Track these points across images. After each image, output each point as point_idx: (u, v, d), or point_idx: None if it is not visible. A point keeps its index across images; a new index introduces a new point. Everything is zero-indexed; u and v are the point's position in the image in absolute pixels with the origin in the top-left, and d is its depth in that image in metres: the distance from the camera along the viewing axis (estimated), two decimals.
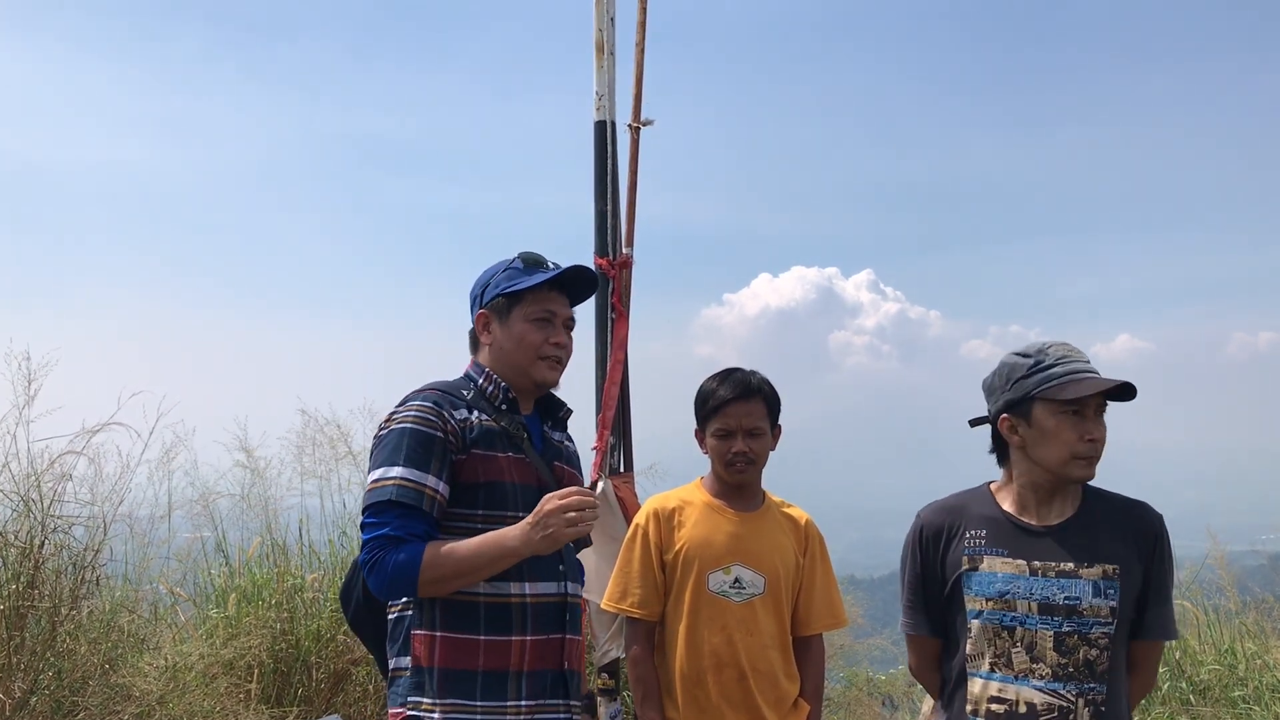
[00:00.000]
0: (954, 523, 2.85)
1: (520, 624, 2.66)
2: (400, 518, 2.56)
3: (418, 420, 2.66)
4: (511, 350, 2.83)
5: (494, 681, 2.62)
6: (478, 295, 2.91)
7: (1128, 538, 2.67)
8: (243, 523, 6.37)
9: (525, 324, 2.82)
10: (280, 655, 5.58)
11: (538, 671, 2.69)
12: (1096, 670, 2.61)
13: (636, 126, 4.83)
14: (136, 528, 5.44)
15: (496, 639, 2.63)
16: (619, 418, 4.68)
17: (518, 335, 2.82)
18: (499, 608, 2.65)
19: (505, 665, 2.64)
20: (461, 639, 2.62)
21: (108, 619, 4.93)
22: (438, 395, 2.74)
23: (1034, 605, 2.66)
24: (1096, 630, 2.61)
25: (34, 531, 4.51)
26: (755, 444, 3.23)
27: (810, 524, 3.38)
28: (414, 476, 2.59)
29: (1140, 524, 2.70)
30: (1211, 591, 6.97)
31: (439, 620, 2.63)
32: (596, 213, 4.77)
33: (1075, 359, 2.71)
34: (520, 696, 2.65)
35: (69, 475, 4.69)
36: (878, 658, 10.48)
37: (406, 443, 2.63)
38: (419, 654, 2.64)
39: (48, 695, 4.36)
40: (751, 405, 3.22)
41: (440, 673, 2.61)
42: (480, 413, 2.76)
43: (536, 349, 2.82)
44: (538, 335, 2.82)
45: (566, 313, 2.91)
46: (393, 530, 2.54)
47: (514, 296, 2.83)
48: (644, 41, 4.84)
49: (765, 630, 3.20)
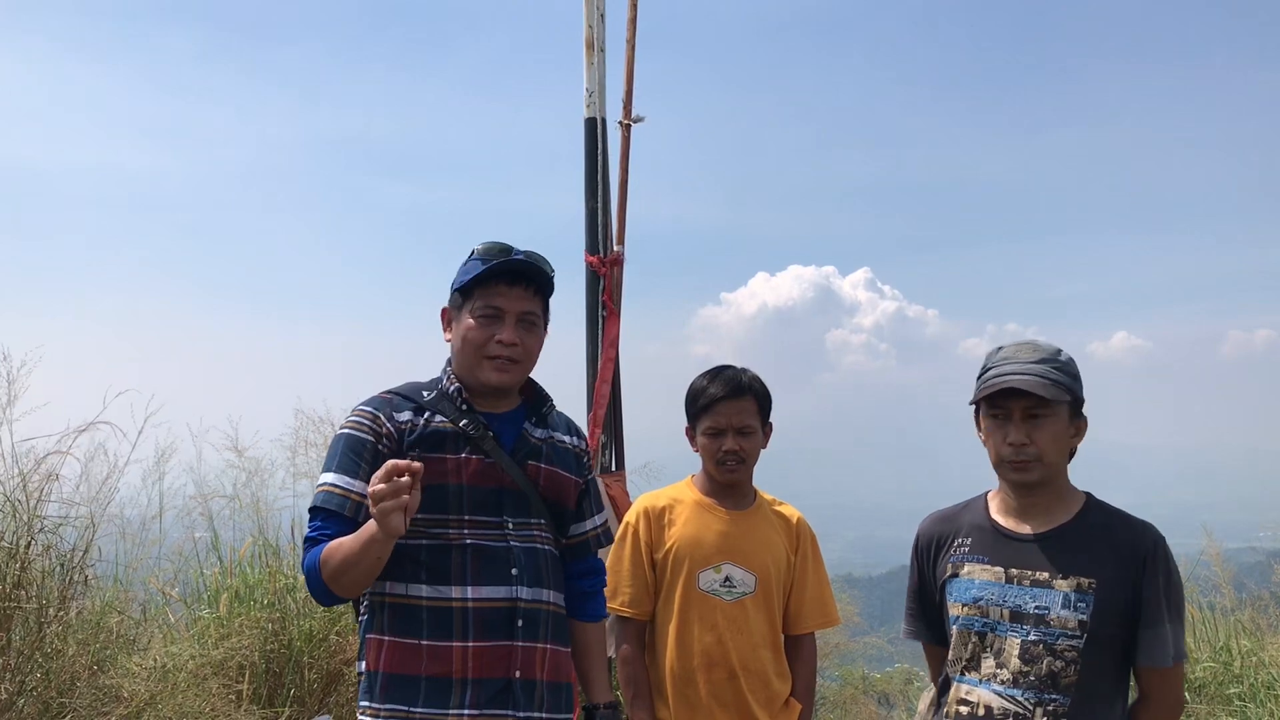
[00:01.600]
0: (946, 532, 2.85)
1: (461, 629, 2.57)
2: (323, 521, 2.55)
3: (353, 425, 2.65)
4: (459, 350, 2.72)
5: (437, 688, 2.55)
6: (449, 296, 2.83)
7: (1114, 554, 2.58)
8: (235, 523, 6.34)
9: (470, 321, 2.68)
10: (272, 656, 5.55)
11: (484, 680, 2.58)
12: (1060, 682, 2.55)
13: (627, 123, 4.81)
14: (127, 528, 5.41)
15: (438, 644, 2.56)
16: (610, 416, 4.67)
17: (462, 333, 2.70)
18: (440, 612, 2.57)
19: (448, 672, 2.56)
20: (405, 644, 2.58)
21: (97, 620, 4.90)
22: (383, 399, 2.70)
23: (1006, 612, 2.64)
24: (1063, 642, 2.56)
25: (20, 532, 4.48)
26: (746, 442, 3.21)
27: (802, 522, 3.36)
28: (342, 482, 2.57)
29: (1131, 541, 2.60)
30: (1207, 589, 6.96)
31: (387, 624, 2.61)
32: (587, 210, 4.76)
33: (1013, 360, 2.65)
34: (464, 705, 2.55)
35: (56, 475, 4.66)
36: (874, 656, 10.48)
37: (340, 449, 2.62)
38: (369, 657, 2.62)
39: (35, 697, 4.33)
40: (742, 403, 3.20)
41: (384, 677, 2.58)
42: (437, 413, 2.68)
43: (479, 348, 2.67)
44: (480, 333, 2.67)
45: (520, 307, 2.70)
46: (311, 533, 2.56)
47: (464, 291, 2.70)
48: (635, 38, 4.83)
49: (756, 629, 3.18)
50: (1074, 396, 2.64)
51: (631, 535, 3.27)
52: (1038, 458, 2.61)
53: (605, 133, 4.80)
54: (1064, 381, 2.61)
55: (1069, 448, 2.67)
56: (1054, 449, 2.62)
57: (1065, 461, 2.68)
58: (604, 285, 4.67)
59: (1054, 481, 2.67)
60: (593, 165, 4.76)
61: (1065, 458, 2.67)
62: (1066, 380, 2.62)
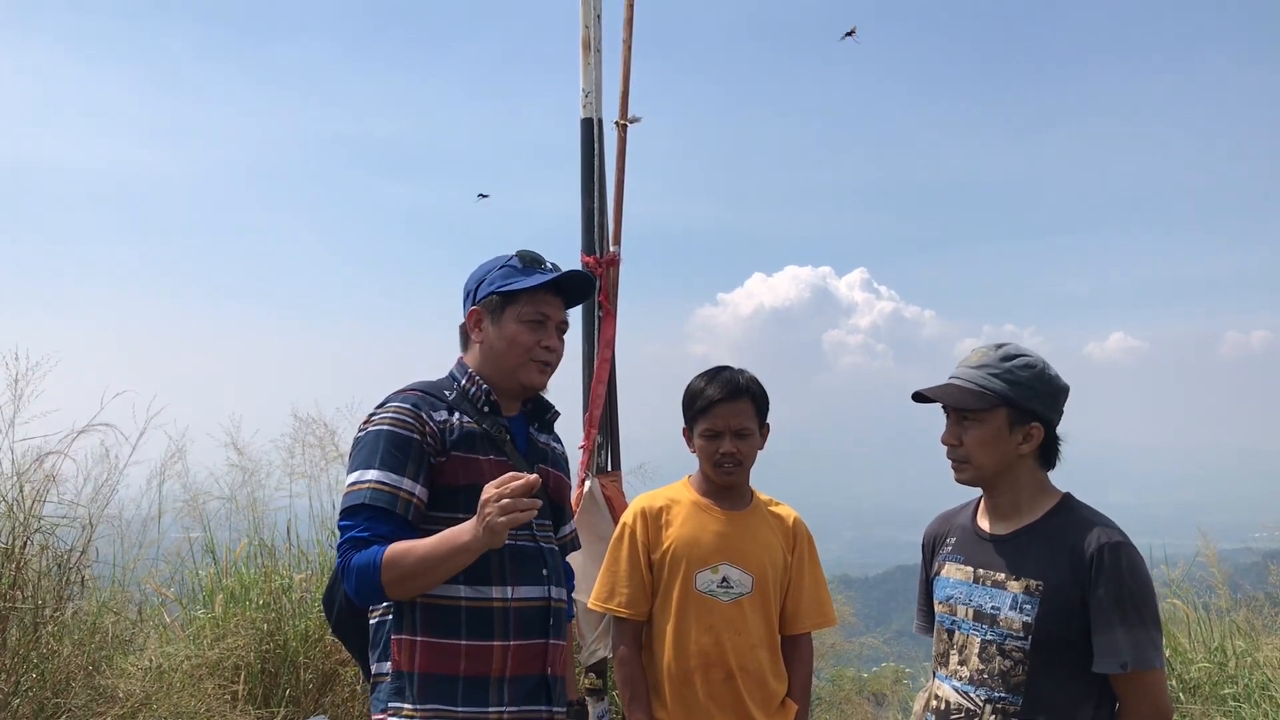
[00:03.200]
0: (942, 531, 2.90)
1: (502, 629, 2.61)
2: (369, 520, 2.51)
3: (395, 422, 2.61)
4: (502, 350, 2.77)
5: (475, 687, 2.58)
6: (471, 290, 2.84)
7: (1063, 556, 2.56)
8: (231, 523, 6.34)
9: (518, 325, 2.76)
10: (268, 656, 5.55)
11: (520, 677, 2.64)
12: (1010, 681, 2.56)
13: (624, 124, 4.81)
14: (125, 529, 5.41)
15: (478, 644, 2.59)
16: (606, 416, 4.67)
17: (510, 335, 2.76)
18: (481, 612, 2.60)
19: (487, 671, 2.59)
20: (442, 644, 2.58)
21: (93, 620, 4.91)
22: (417, 397, 2.69)
23: (970, 611, 2.68)
24: (1011, 643, 2.57)
25: (16, 533, 4.48)
26: (743, 445, 3.21)
27: (799, 522, 3.36)
28: (389, 480, 2.54)
29: (1079, 544, 2.55)
30: (1203, 589, 6.96)
31: (419, 625, 2.59)
32: (584, 210, 4.76)
33: (962, 364, 2.72)
34: (502, 703, 2.60)
35: (54, 476, 4.65)
36: (869, 657, 10.48)
37: (383, 445, 2.58)
38: (399, 659, 2.60)
39: (30, 697, 4.33)
40: (739, 405, 3.20)
41: (421, 678, 2.57)
42: (461, 414, 2.71)
43: (528, 351, 2.76)
44: (530, 337, 2.76)
45: (560, 316, 2.85)
46: (358, 533, 2.51)
47: (509, 296, 2.76)
48: (631, 38, 4.83)
49: (753, 630, 3.19)
50: (1010, 403, 2.62)
51: (629, 535, 3.27)
52: (966, 459, 2.67)
53: (602, 133, 4.80)
54: (995, 388, 2.62)
55: (1014, 453, 2.65)
56: (982, 453, 2.65)
57: (1013, 465, 2.67)
58: (600, 286, 4.68)
59: (1007, 483, 2.69)
60: (589, 166, 4.76)
61: (1008, 462, 2.66)
62: (1000, 387, 2.62)
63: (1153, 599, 2.55)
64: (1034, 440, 2.65)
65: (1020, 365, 2.64)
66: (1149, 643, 2.48)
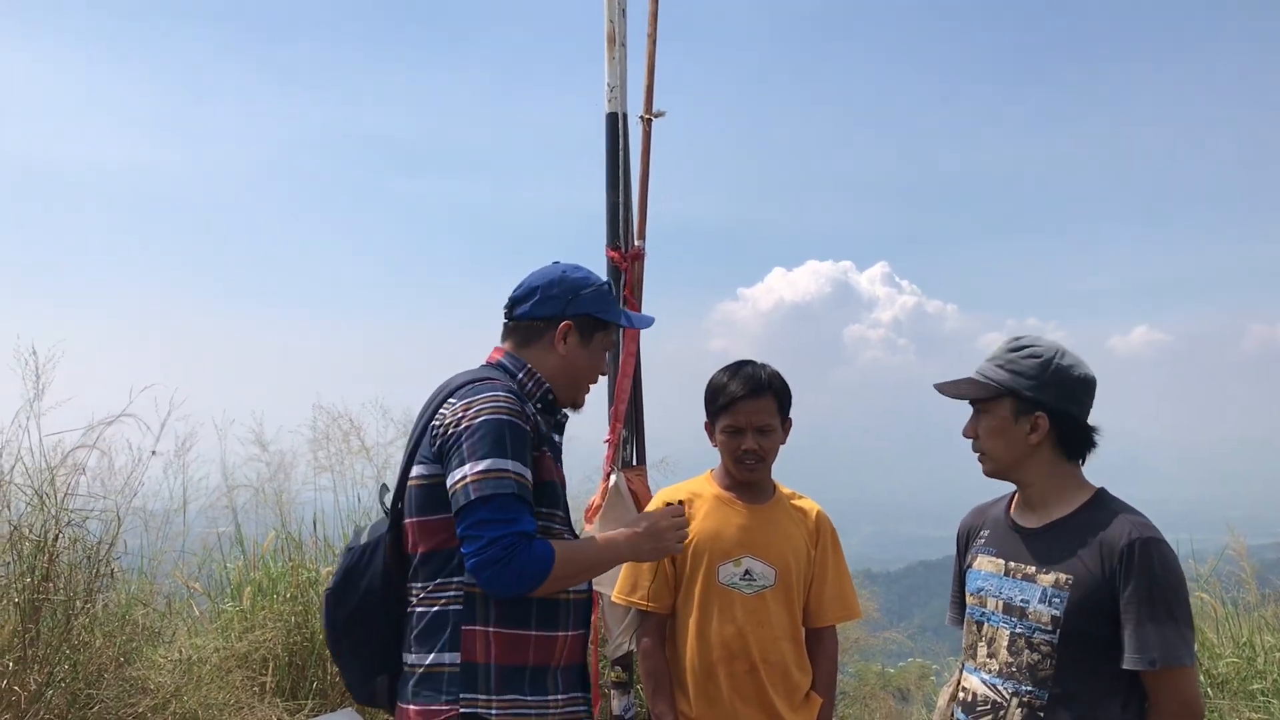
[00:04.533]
0: (976, 524, 2.91)
1: (566, 620, 2.70)
2: (526, 513, 2.53)
3: (511, 412, 2.60)
4: (581, 370, 2.88)
5: (539, 676, 2.64)
6: (562, 299, 2.83)
7: (1093, 550, 2.54)
8: (257, 516, 6.38)
9: (600, 353, 2.91)
10: (295, 648, 5.59)
11: (570, 665, 2.73)
12: (1038, 675, 2.56)
13: (648, 118, 4.81)
14: (151, 522, 5.45)
15: (545, 634, 2.65)
16: (631, 411, 4.67)
17: (594, 362, 2.91)
18: (550, 603, 2.66)
19: (549, 660, 2.66)
20: (515, 635, 2.62)
21: (122, 612, 4.95)
22: (515, 387, 2.74)
23: (1000, 604, 2.68)
24: (1039, 636, 2.57)
25: (48, 525, 4.52)
26: (765, 441, 3.22)
27: (822, 515, 3.37)
28: (524, 472, 2.56)
29: (1110, 538, 2.54)
30: (1231, 584, 6.92)
31: (493, 616, 2.61)
32: (609, 205, 4.75)
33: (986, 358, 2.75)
34: (558, 690, 2.68)
35: (82, 469, 4.70)
36: (893, 651, 10.46)
37: (509, 436, 2.56)
38: (472, 649, 2.59)
39: (63, 688, 4.38)
40: (762, 402, 3.21)
41: (497, 669, 2.59)
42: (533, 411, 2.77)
43: (595, 377, 2.94)
44: (602, 365, 2.94)
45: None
46: (525, 526, 2.49)
47: (603, 324, 2.89)
48: (656, 32, 4.82)
49: (777, 622, 3.19)
50: (1013, 393, 2.63)
51: None
52: (981, 450, 2.71)
53: (627, 128, 4.79)
54: (997, 378, 2.64)
55: (1023, 443, 2.65)
56: (993, 443, 2.67)
57: (1024, 457, 2.67)
58: (625, 280, 4.68)
59: (1026, 476, 2.69)
60: (614, 160, 4.75)
61: (1017, 453, 2.66)
62: (1002, 377, 2.64)
63: (1184, 595, 2.53)
64: (1040, 430, 2.64)
65: (1024, 355, 2.65)
66: (1180, 640, 2.46)
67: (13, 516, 4.52)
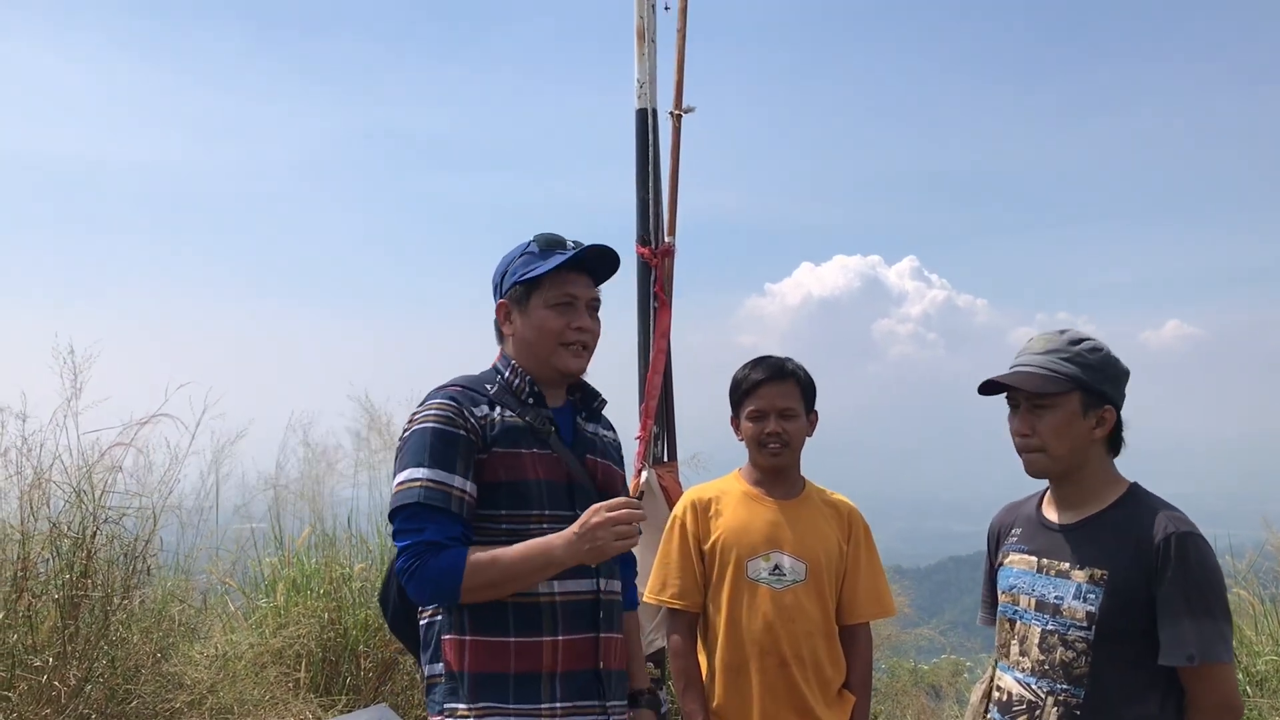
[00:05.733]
0: (1007, 522, 2.87)
1: (550, 624, 2.57)
2: (435, 521, 2.48)
3: (439, 419, 2.57)
4: (534, 340, 2.71)
5: (527, 684, 2.54)
6: (497, 284, 2.80)
7: (1129, 545, 2.51)
8: (292, 513, 6.42)
9: (545, 310, 2.70)
10: (329, 644, 5.62)
11: (572, 672, 2.60)
12: (1073, 673, 2.53)
13: (678, 114, 4.81)
14: (187, 519, 5.50)
15: (526, 640, 2.55)
16: (662, 407, 4.68)
17: (538, 323, 2.70)
18: (527, 608, 2.56)
19: (537, 667, 2.55)
20: (491, 642, 2.55)
21: (159, 608, 4.99)
22: (457, 392, 2.65)
23: (1032, 601, 2.65)
24: (1074, 633, 2.54)
25: (86, 522, 4.57)
26: (789, 425, 3.21)
27: (854, 511, 3.36)
28: (440, 477, 2.51)
29: (1147, 533, 2.51)
30: (1269, 580, 6.83)
31: (468, 624, 2.56)
32: (638, 200, 4.76)
33: (1026, 351, 2.69)
34: (555, 698, 2.56)
35: (118, 467, 4.74)
36: (924, 648, 10.40)
37: (429, 443, 2.54)
38: (450, 659, 2.58)
39: (102, 683, 4.42)
40: (785, 387, 3.22)
41: (472, 677, 2.54)
42: (504, 408, 2.67)
43: (558, 335, 2.70)
44: (558, 321, 2.69)
45: (590, 294, 2.76)
46: (431, 535, 2.47)
47: (532, 283, 2.70)
48: (685, 27, 4.82)
49: (808, 617, 3.18)
50: (1083, 387, 2.59)
51: (679, 527, 3.28)
52: (1040, 448, 2.62)
53: (656, 123, 4.80)
54: (1067, 372, 2.58)
55: (1088, 439, 2.62)
56: (1057, 440, 2.60)
57: (1086, 452, 2.63)
58: (655, 276, 4.68)
59: (1075, 472, 2.64)
60: (644, 156, 4.76)
61: (1082, 449, 2.62)
62: (1072, 370, 2.59)
63: (1222, 590, 2.50)
64: (1107, 424, 2.62)
65: (1089, 349, 2.61)
66: (1217, 635, 2.43)
67: (51, 514, 4.56)
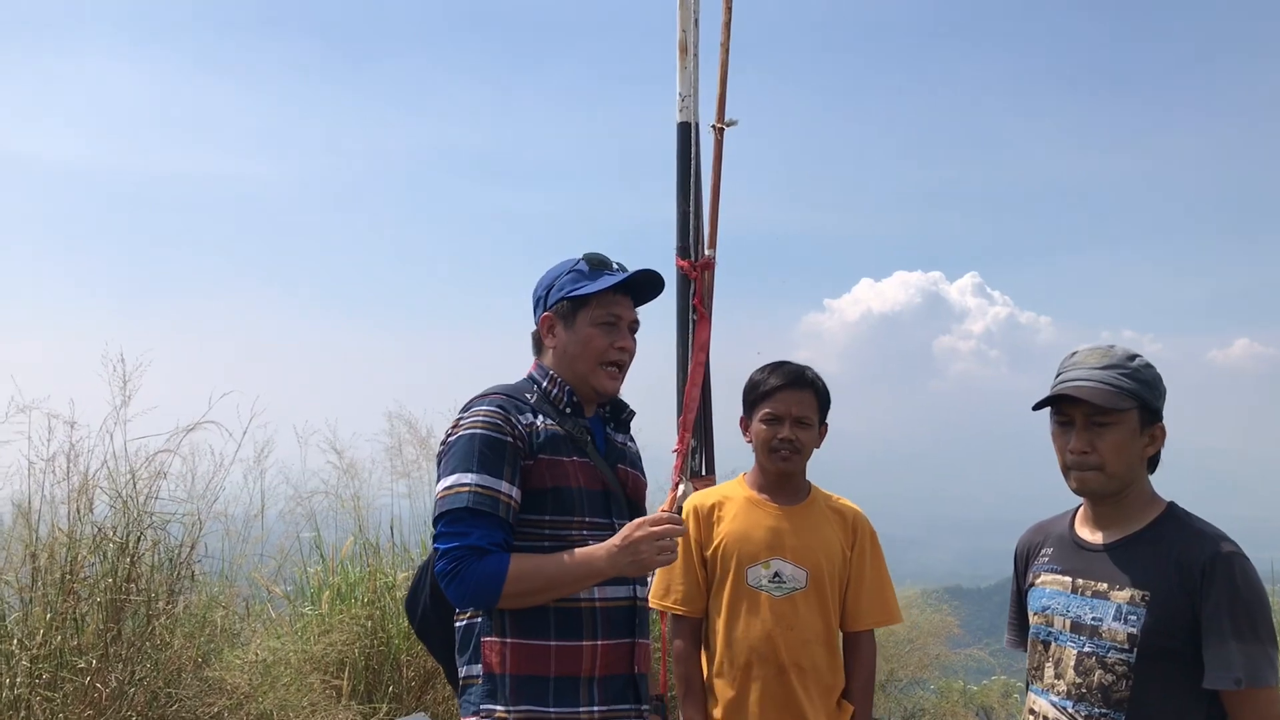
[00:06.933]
0: (1037, 541, 2.82)
1: (590, 629, 2.63)
2: (481, 527, 2.52)
3: (487, 425, 2.62)
4: (576, 355, 2.79)
5: (566, 687, 2.59)
6: (541, 297, 2.88)
7: (1170, 565, 2.45)
8: (336, 522, 6.48)
9: (591, 328, 2.79)
10: (370, 652, 5.67)
11: (609, 677, 2.66)
12: (1112, 697, 2.47)
13: (720, 127, 4.80)
14: (231, 526, 5.57)
15: (567, 644, 2.60)
16: (700, 420, 4.66)
17: (583, 339, 2.78)
18: (569, 613, 2.61)
19: (577, 671, 2.61)
20: (532, 645, 2.59)
21: (202, 614, 5.06)
22: (503, 400, 2.71)
23: (1068, 622, 2.59)
24: (1113, 656, 2.47)
25: (131, 528, 4.64)
26: (803, 433, 3.20)
27: (860, 517, 3.32)
28: (488, 483, 2.56)
29: (1190, 554, 2.45)
30: None
31: (509, 627, 2.60)
32: (679, 214, 4.76)
33: (1080, 365, 2.61)
34: (593, 702, 2.62)
35: (164, 473, 4.81)
36: (975, 669, 10.26)
37: (478, 448, 2.59)
38: (490, 661, 2.61)
39: (144, 686, 4.48)
40: (803, 394, 3.20)
41: (513, 679, 2.58)
42: (545, 416, 2.73)
43: (601, 354, 2.79)
44: (602, 340, 2.78)
45: (632, 316, 2.86)
46: (475, 540, 2.51)
47: (580, 300, 2.79)
48: (729, 41, 4.81)
49: (808, 625, 3.16)
50: (1143, 404, 2.53)
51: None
52: (1100, 466, 2.55)
53: (698, 137, 4.79)
54: (1129, 388, 2.52)
55: (1141, 456, 2.57)
56: (1117, 458, 2.54)
57: (1137, 470, 2.58)
58: (695, 289, 4.67)
59: (1125, 490, 2.58)
60: (685, 169, 4.76)
61: (1135, 466, 2.57)
62: (1133, 387, 2.53)
63: (1268, 613, 2.43)
64: (1159, 442, 2.58)
65: (1143, 365, 2.57)
66: (1264, 658, 2.36)
67: (96, 519, 4.64)
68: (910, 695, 9.18)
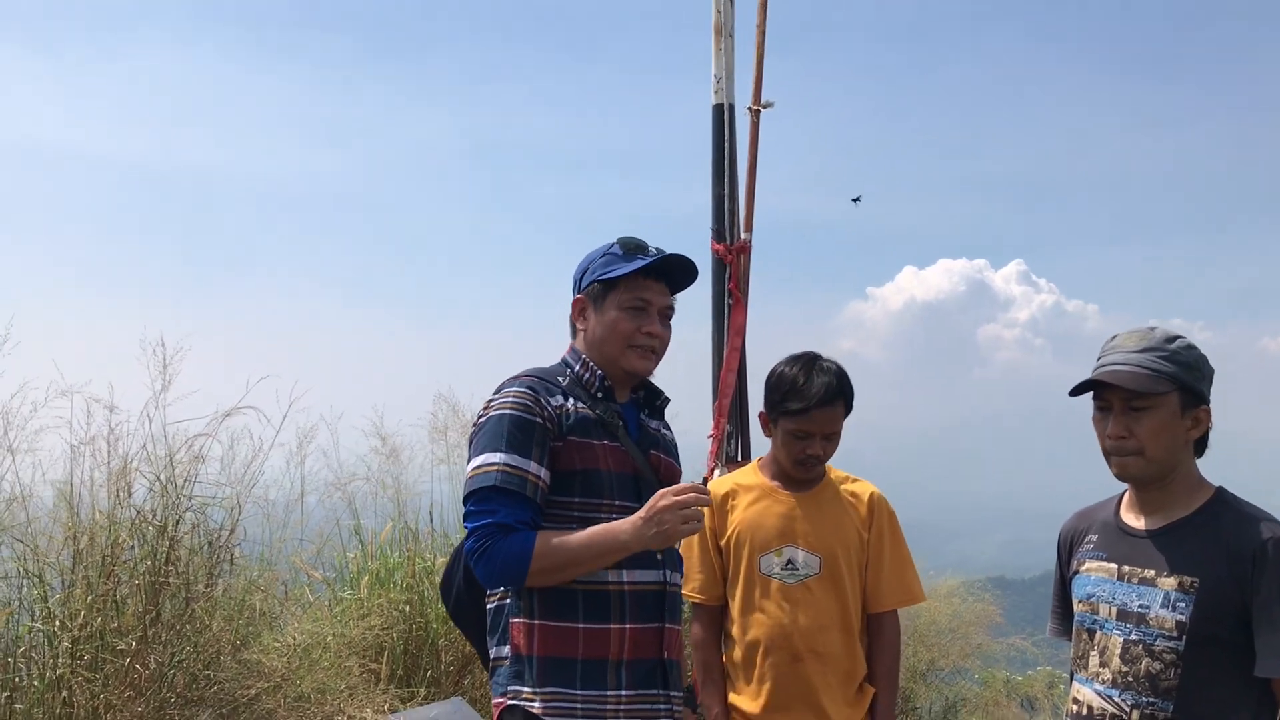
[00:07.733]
0: (1081, 528, 2.76)
1: (619, 612, 2.62)
2: (508, 505, 2.53)
3: (517, 406, 2.63)
4: (604, 338, 2.78)
5: (594, 670, 2.59)
6: (577, 279, 2.88)
7: (1220, 551, 2.40)
8: (376, 507, 6.51)
9: (619, 312, 2.77)
10: (409, 637, 5.70)
11: (637, 660, 2.65)
12: (1160, 685, 2.41)
13: (757, 109, 4.75)
14: (271, 510, 5.61)
15: (595, 627, 2.60)
16: (736, 406, 4.63)
17: (610, 323, 2.77)
18: (597, 595, 2.61)
19: (605, 654, 2.60)
20: (561, 627, 2.59)
21: (241, 597, 5.09)
22: (534, 381, 2.71)
23: (1114, 610, 2.53)
24: (1161, 643, 2.41)
25: (170, 511, 4.68)
26: (831, 446, 3.19)
27: (877, 498, 3.28)
28: (516, 462, 2.56)
29: (1241, 540, 2.39)
30: None
31: (537, 608, 2.61)
32: (714, 197, 4.73)
33: (1118, 349, 2.55)
34: (620, 686, 2.61)
35: (202, 457, 4.85)
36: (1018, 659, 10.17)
37: (507, 429, 2.60)
38: (518, 642, 2.62)
39: (183, 668, 4.52)
40: (834, 411, 3.15)
41: (540, 661, 2.59)
42: (576, 400, 2.73)
43: (628, 338, 2.76)
44: (630, 324, 2.76)
45: (664, 301, 2.83)
46: (503, 518, 2.52)
47: (609, 283, 2.78)
48: (765, 22, 4.76)
49: (823, 611, 3.13)
50: (1184, 386, 2.47)
51: None
52: (1139, 451, 2.49)
53: (733, 119, 4.75)
54: (1168, 371, 2.46)
55: (1184, 440, 2.50)
56: (1157, 442, 2.47)
57: (1180, 454, 2.51)
58: (730, 273, 4.64)
59: (1169, 475, 2.52)
60: (720, 152, 4.73)
61: (1178, 450, 2.50)
62: (1172, 370, 2.46)
63: None
64: (1203, 425, 2.51)
65: (1184, 346, 2.51)
66: None
67: (136, 502, 4.68)
68: (952, 685, 9.11)
